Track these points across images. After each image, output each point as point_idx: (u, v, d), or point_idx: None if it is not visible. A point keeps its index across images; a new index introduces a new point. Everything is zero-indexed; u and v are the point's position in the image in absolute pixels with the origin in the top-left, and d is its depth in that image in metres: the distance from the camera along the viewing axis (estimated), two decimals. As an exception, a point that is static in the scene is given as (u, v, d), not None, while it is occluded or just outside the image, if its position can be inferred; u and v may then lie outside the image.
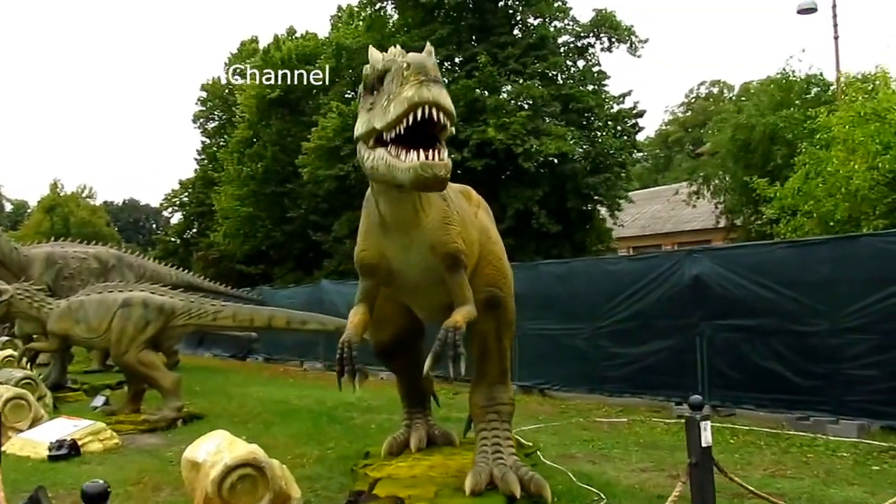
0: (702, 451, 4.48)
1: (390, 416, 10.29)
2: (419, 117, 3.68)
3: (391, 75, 3.91)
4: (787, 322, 9.13)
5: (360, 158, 4.48)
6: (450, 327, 4.93)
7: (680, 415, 9.94)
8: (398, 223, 5.00)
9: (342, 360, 5.04)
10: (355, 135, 4.48)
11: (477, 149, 21.75)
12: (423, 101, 3.69)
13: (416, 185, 3.82)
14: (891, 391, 8.22)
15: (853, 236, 9.87)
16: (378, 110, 4.05)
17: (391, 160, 3.94)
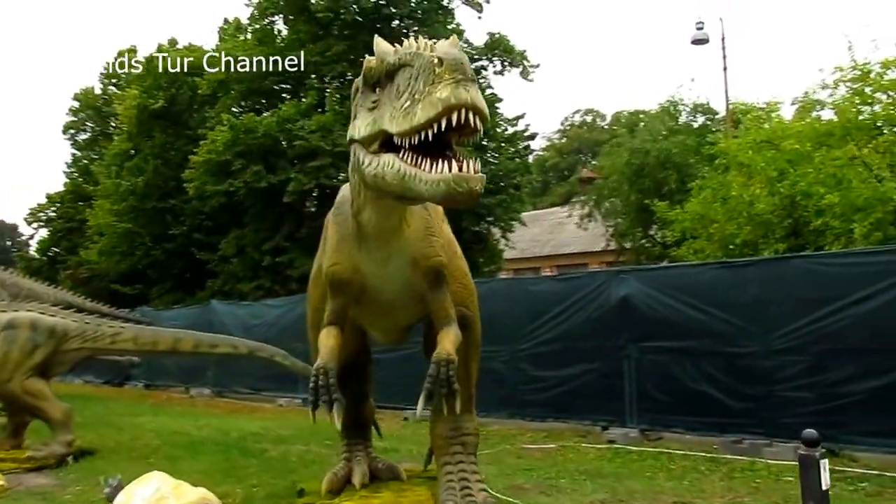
0: (822, 495, 3.92)
1: (308, 448, 9.57)
2: (454, 122, 3.11)
3: (415, 71, 3.29)
4: (719, 343, 9.08)
5: (355, 163, 3.87)
6: (441, 360, 4.40)
7: (610, 440, 9.75)
8: (379, 234, 4.45)
9: (317, 390, 4.41)
10: (350, 136, 3.87)
11: (374, 167, 21.23)
12: (461, 103, 3.11)
13: (445, 199, 3.24)
14: (825, 413, 8.25)
15: (785, 257, 10.00)
16: (390, 110, 3.43)
17: (409, 169, 3.33)
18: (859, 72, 14.86)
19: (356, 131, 3.80)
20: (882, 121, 14.35)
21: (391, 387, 13.28)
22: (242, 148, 21.47)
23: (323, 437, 10.37)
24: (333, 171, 21.04)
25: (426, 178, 3.26)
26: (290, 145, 21.43)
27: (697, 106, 21.70)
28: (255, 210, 22.79)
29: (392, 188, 3.57)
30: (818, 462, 3.91)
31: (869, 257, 8.54)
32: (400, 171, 3.42)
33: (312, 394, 4.43)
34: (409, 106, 3.27)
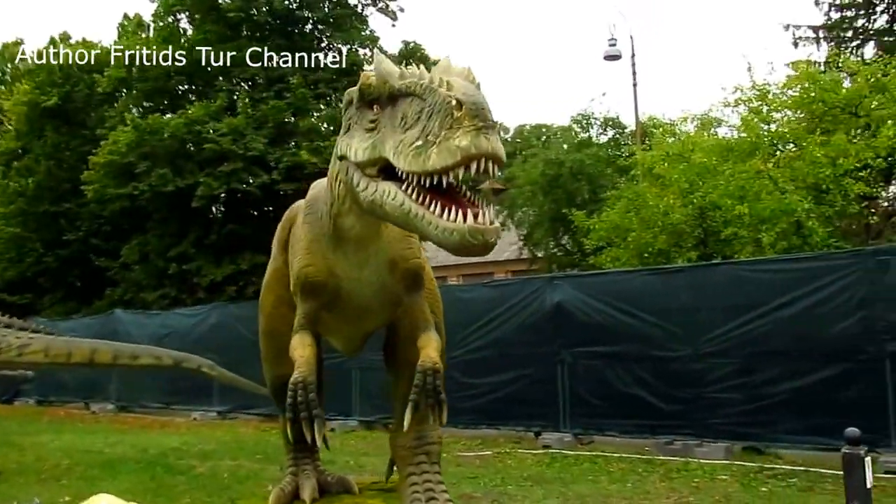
0: (866, 493, 4.04)
1: (238, 463, 9.23)
2: (473, 172, 2.94)
3: (427, 107, 3.04)
4: (650, 348, 9.34)
5: (347, 180, 3.66)
6: (427, 369, 4.23)
7: (546, 445, 9.85)
8: (358, 236, 4.27)
9: (296, 406, 4.16)
10: (342, 154, 3.66)
11: (287, 172, 20.85)
12: (482, 153, 2.88)
13: (456, 250, 3.05)
14: (752, 413, 8.63)
15: (713, 264, 10.38)
16: (394, 139, 3.19)
17: (416, 208, 3.12)
18: (758, 91, 15.70)
19: (351, 151, 3.55)
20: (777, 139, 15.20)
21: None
22: (147, 149, 20.63)
23: (251, 452, 10.05)
24: (245, 175, 20.52)
25: (437, 223, 3.03)
26: (199, 148, 20.73)
27: (608, 120, 22.33)
28: (160, 215, 21.93)
29: (392, 219, 3.37)
30: (863, 460, 3.97)
31: (792, 264, 9.01)
32: (404, 207, 3.20)
33: (290, 410, 4.17)
34: (420, 146, 3.00)
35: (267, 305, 5.71)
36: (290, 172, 20.94)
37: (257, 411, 14.01)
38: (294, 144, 21.62)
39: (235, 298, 20.04)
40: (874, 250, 8.41)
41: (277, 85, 22.22)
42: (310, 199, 4.63)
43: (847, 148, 12.93)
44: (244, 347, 13.60)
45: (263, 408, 13.86)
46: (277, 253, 5.60)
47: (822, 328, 8.17)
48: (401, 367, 5.41)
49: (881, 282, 7.86)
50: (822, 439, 8.17)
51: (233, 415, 14.43)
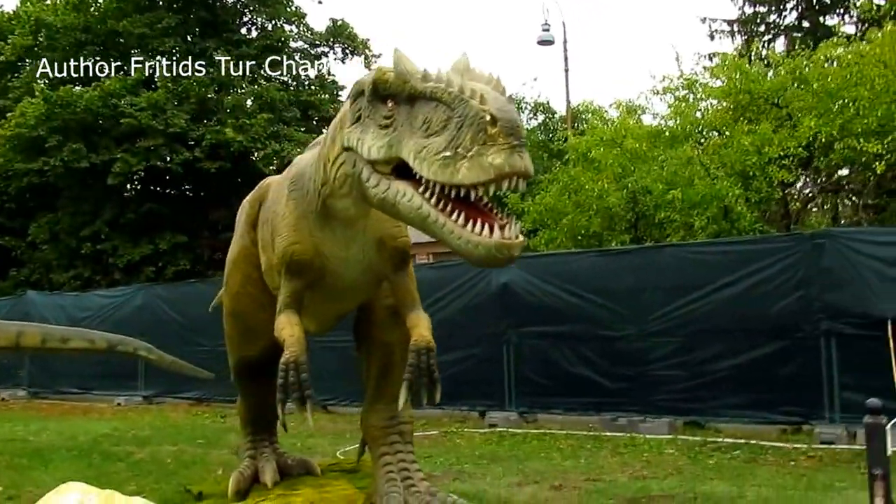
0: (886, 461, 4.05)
1: (179, 448, 8.93)
2: (504, 189, 2.87)
3: (457, 118, 2.92)
4: (595, 328, 9.51)
5: (353, 173, 3.54)
6: (421, 348, 4.19)
7: (492, 423, 9.93)
8: (346, 219, 4.15)
9: (287, 387, 4.04)
10: (350, 144, 3.52)
11: (211, 150, 20.25)
12: (515, 172, 2.83)
13: (479, 263, 2.99)
14: (693, 389, 8.92)
15: (658, 246, 10.63)
16: (414, 143, 3.06)
17: (436, 215, 3.02)
18: (685, 80, 16.16)
19: (363, 147, 3.40)
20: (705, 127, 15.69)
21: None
22: (59, 123, 19.65)
23: (190, 437, 9.75)
24: (166, 152, 19.82)
25: (461, 234, 2.94)
26: (116, 123, 19.88)
27: (538, 104, 22.56)
28: (73, 192, 21.00)
29: (404, 219, 3.29)
30: (884, 429, 4.07)
31: (734, 247, 9.34)
32: (422, 211, 3.09)
33: (282, 391, 4.06)
34: (449, 157, 2.88)
35: (234, 285, 5.52)
36: (214, 150, 20.38)
37: (186, 395, 13.60)
38: (217, 121, 20.99)
39: (154, 279, 19.41)
40: (812, 234, 8.78)
41: (199, 59, 21.51)
42: (294, 175, 4.47)
43: (771, 137, 13.45)
44: (173, 331, 13.22)
45: (193, 392, 13.49)
46: (244, 231, 5.40)
47: (762, 308, 8.49)
48: (374, 348, 5.34)
49: (817, 264, 8.22)
50: (761, 413, 8.56)
51: (160, 399, 13.95)
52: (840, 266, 8.03)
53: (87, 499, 4.05)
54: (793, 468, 7.02)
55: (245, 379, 5.89)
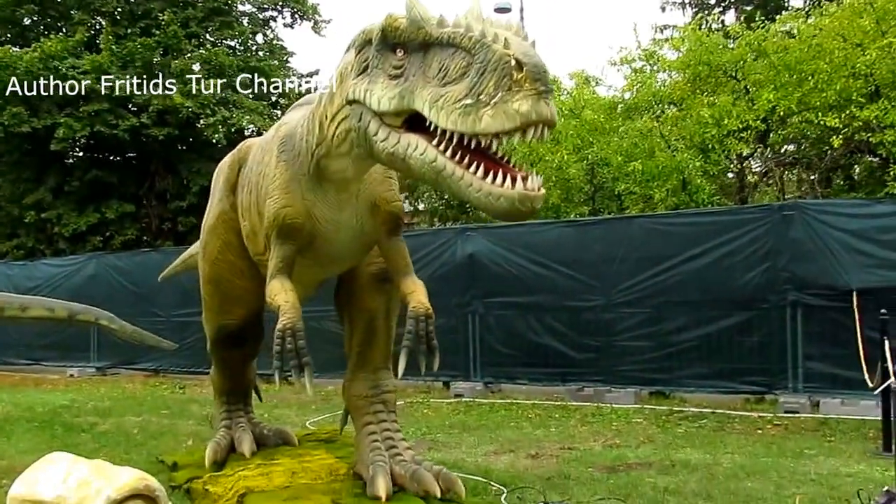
0: None
1: (143, 419, 8.72)
2: (528, 139, 2.76)
3: (479, 64, 2.77)
4: (563, 299, 9.52)
5: (359, 126, 3.40)
6: (420, 315, 4.14)
7: (458, 393, 9.91)
8: (341, 180, 4.02)
9: (284, 354, 3.92)
10: (355, 96, 3.37)
11: (158, 116, 19.63)
12: (541, 119, 2.71)
13: (500, 215, 2.89)
14: (659, 360, 9.00)
15: (626, 217, 10.64)
16: (429, 93, 2.91)
17: (453, 168, 2.90)
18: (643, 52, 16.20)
19: (372, 98, 3.24)
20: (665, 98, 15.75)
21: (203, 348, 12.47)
22: (-3, 85, 18.73)
23: (153, 408, 9.52)
24: (111, 117, 19.10)
25: (481, 186, 2.84)
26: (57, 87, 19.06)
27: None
28: (13, 158, 20.16)
29: (415, 173, 3.16)
30: None
31: (703, 218, 9.41)
32: (436, 164, 2.97)
33: (278, 358, 3.94)
34: (469, 104, 2.75)
35: (212, 251, 5.34)
36: (161, 116, 19.75)
37: (142, 367, 13.30)
38: (165, 86, 20.31)
39: (101, 249, 18.87)
40: (780, 205, 8.88)
41: (143, 21, 20.78)
42: (283, 135, 4.30)
43: (731, 109, 13.56)
44: (128, 301, 12.85)
45: (149, 363, 13.19)
46: (223, 195, 5.22)
47: (730, 279, 8.58)
48: (357, 315, 5.25)
49: (785, 235, 8.32)
50: (726, 383, 8.69)
51: (114, 371, 13.61)
52: (808, 238, 8.14)
53: (76, 468, 3.92)
54: (760, 436, 7.14)
55: (223, 348, 5.75)
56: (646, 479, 5.42)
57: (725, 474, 5.53)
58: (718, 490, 5.03)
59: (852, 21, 12.93)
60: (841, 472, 5.57)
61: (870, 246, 7.91)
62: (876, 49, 12.18)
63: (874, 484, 4.96)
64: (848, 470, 5.64)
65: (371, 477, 4.77)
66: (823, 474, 5.46)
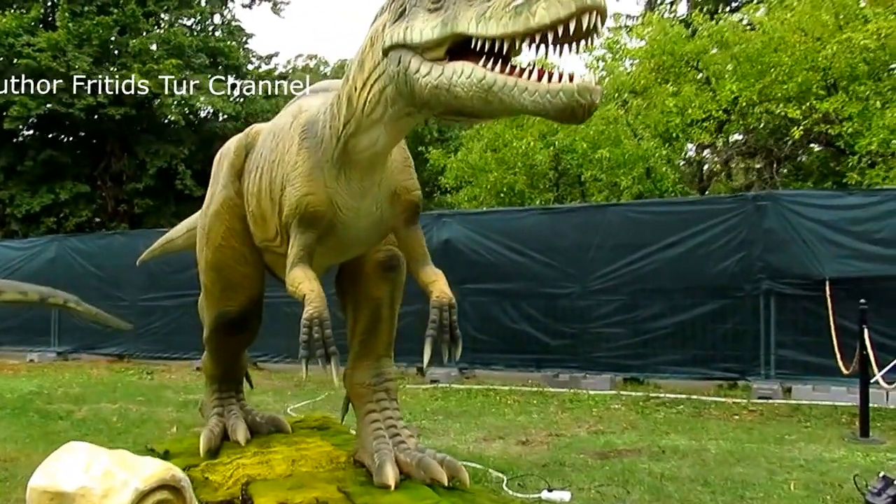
0: None
1: (119, 406, 8.60)
2: (583, 27, 2.78)
3: None
4: (539, 285, 9.62)
5: (398, 71, 3.36)
6: (443, 305, 4.11)
7: (434, 379, 9.96)
8: (367, 162, 4.00)
9: (311, 342, 3.89)
10: (397, 41, 3.35)
11: (115, 95, 19.18)
12: (595, 5, 2.75)
13: (561, 114, 2.88)
14: (634, 346, 9.19)
15: (602, 205, 10.77)
16: (474, 11, 2.99)
17: (503, 79, 2.92)
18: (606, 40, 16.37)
19: (413, 33, 3.22)
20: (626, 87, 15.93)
21: (177, 335, 12.32)
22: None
23: (127, 394, 9.37)
24: (67, 96, 18.59)
25: (536, 87, 2.84)
26: (12, 64, 18.50)
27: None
28: (-37, 137, 19.50)
29: (464, 101, 3.13)
30: None
31: (678, 207, 9.61)
32: (486, 81, 2.97)
33: (305, 347, 3.91)
34: (520, 4, 2.79)
35: (216, 237, 5.25)
36: (119, 96, 19.29)
37: (105, 352, 13.03)
38: (122, 66, 19.85)
39: (55, 231, 18.42)
40: (754, 196, 9.10)
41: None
42: (304, 123, 4.25)
43: (694, 99, 13.83)
44: (90, 285, 12.56)
45: (112, 347, 12.94)
46: (228, 181, 5.13)
47: (705, 267, 8.80)
48: (361, 303, 5.22)
49: (759, 225, 8.55)
50: (700, 370, 8.92)
51: (75, 356, 13.30)
52: (782, 228, 8.38)
53: (97, 458, 3.81)
54: (738, 422, 7.36)
55: (222, 334, 5.65)
56: (639, 465, 5.55)
57: (716, 460, 5.69)
58: (713, 476, 5.18)
59: (812, 15, 13.27)
60: (825, 457, 5.78)
61: (841, 236, 8.18)
62: (836, 43, 12.52)
63: (859, 469, 5.16)
64: (831, 455, 5.85)
65: (378, 465, 4.75)
66: (810, 460, 5.66)
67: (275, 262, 5.05)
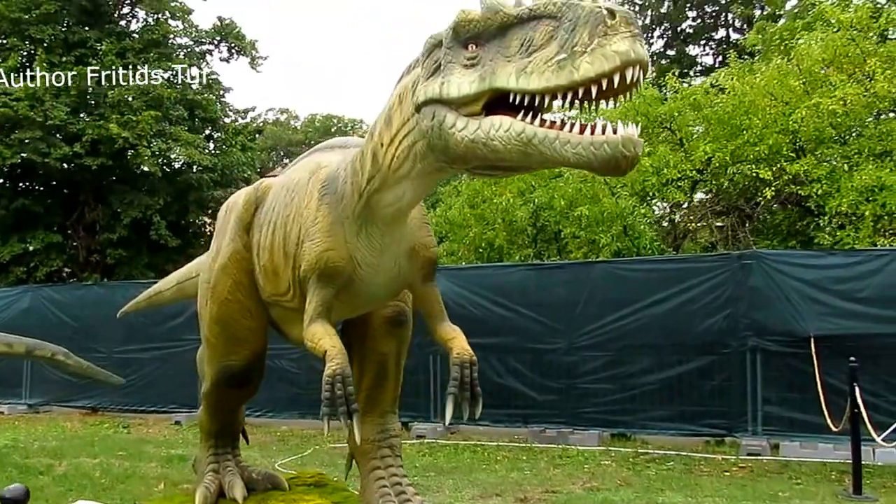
0: None
1: (99, 460, 8.40)
2: (627, 80, 2.87)
3: (569, 22, 2.90)
4: (526, 341, 9.67)
5: (431, 126, 3.42)
6: (465, 362, 4.10)
7: (419, 434, 9.89)
8: (390, 218, 4.05)
9: (334, 400, 3.86)
10: (432, 97, 3.41)
11: (93, 145, 19.13)
12: (639, 59, 2.82)
13: (604, 165, 2.93)
14: (621, 402, 9.24)
15: (589, 262, 10.89)
16: (513, 67, 3.05)
17: (544, 132, 2.96)
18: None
19: (449, 89, 3.28)
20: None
21: (154, 388, 12.10)
22: None
23: (107, 449, 9.16)
24: (43, 145, 18.47)
25: (579, 140, 2.89)
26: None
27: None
28: (-65, 184, 19.23)
29: (502, 154, 3.18)
30: None
31: (665, 265, 9.76)
32: (525, 134, 3.02)
33: (327, 404, 3.88)
34: (564, 58, 2.83)
35: (222, 291, 5.23)
36: (96, 146, 19.23)
37: (77, 404, 12.72)
38: (100, 116, 19.82)
39: (24, 281, 18.10)
40: (740, 255, 9.30)
41: (78, 49, 20.27)
42: (324, 179, 4.31)
43: (669, 159, 14.18)
44: (65, 336, 12.27)
45: (85, 400, 12.65)
46: (236, 234, 5.14)
47: (691, 324, 8.93)
48: (368, 357, 5.21)
49: (745, 283, 8.74)
50: (687, 426, 8.99)
51: (46, 408, 12.96)
52: (766, 286, 8.58)
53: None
54: (730, 479, 7.41)
55: (224, 388, 5.57)
56: (643, 522, 5.56)
57: (716, 517, 5.73)
58: (718, 533, 5.21)
59: (781, 81, 13.79)
60: (821, 513, 5.85)
61: (824, 295, 8.39)
62: (804, 108, 12.98)
63: (860, 525, 5.23)
64: (826, 512, 5.93)
65: (387, 525, 4.70)
66: (806, 516, 5.72)
67: (282, 316, 5.03)
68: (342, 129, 59.55)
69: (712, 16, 29.68)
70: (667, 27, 29.92)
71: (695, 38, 30.43)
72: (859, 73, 13.16)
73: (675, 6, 29.05)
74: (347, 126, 59.56)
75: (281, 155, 57.69)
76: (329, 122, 61.03)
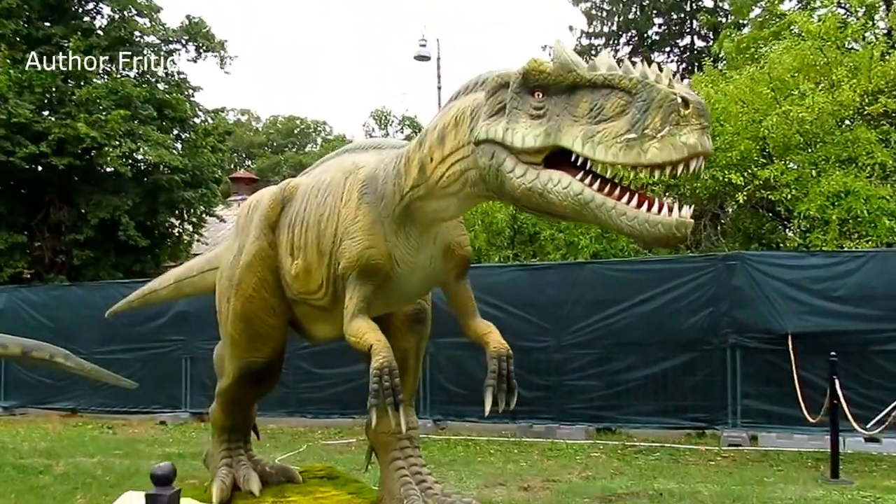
0: None
1: (98, 460, 8.41)
2: (691, 169, 3.09)
3: (640, 102, 3.08)
4: (515, 339, 9.76)
5: (490, 165, 3.59)
6: (502, 355, 4.31)
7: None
8: (427, 223, 4.24)
9: (382, 391, 4.03)
10: (491, 136, 3.58)
11: (59, 144, 18.88)
12: (704, 152, 3.04)
13: (654, 242, 3.15)
14: (607, 398, 9.56)
15: (579, 263, 11.19)
16: (580, 130, 3.19)
17: (605, 200, 3.12)
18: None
19: (513, 137, 3.43)
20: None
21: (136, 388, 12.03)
22: None
23: (102, 448, 9.19)
24: (7, 144, 18.17)
25: (636, 214, 3.06)
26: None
27: (406, 118, 22.92)
28: None
29: (556, 207, 3.35)
30: None
31: (651, 265, 10.11)
32: (583, 196, 3.18)
33: (375, 396, 4.04)
34: (633, 138, 2.99)
35: (247, 288, 5.35)
36: (63, 145, 18.99)
37: (55, 406, 12.61)
38: (67, 115, 19.55)
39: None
40: (724, 255, 9.70)
41: (43, 46, 19.99)
42: (364, 178, 4.46)
43: (644, 163, 14.56)
44: (42, 338, 12.10)
45: (64, 402, 12.56)
46: (261, 233, 5.28)
47: (675, 322, 9.29)
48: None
49: (728, 283, 9.12)
50: (670, 420, 9.35)
51: (23, 410, 12.82)
52: (748, 286, 8.97)
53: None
54: (716, 467, 7.76)
55: (246, 384, 5.69)
56: (645, 507, 5.84)
57: (712, 500, 6.05)
58: (720, 514, 5.51)
59: (752, 89, 14.29)
60: (808, 496, 6.21)
61: (803, 294, 8.81)
62: (775, 115, 13.48)
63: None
64: (812, 495, 6.29)
65: (410, 514, 4.87)
66: (795, 499, 6.08)
67: (307, 314, 5.17)
68: (305, 132, 59.29)
69: (678, 23, 30.37)
70: (633, 34, 30.55)
71: (660, 45, 31.14)
72: (826, 82, 13.68)
73: (643, 13, 29.65)
74: (311, 128, 59.28)
75: (243, 157, 57.30)
76: (292, 123, 60.59)
